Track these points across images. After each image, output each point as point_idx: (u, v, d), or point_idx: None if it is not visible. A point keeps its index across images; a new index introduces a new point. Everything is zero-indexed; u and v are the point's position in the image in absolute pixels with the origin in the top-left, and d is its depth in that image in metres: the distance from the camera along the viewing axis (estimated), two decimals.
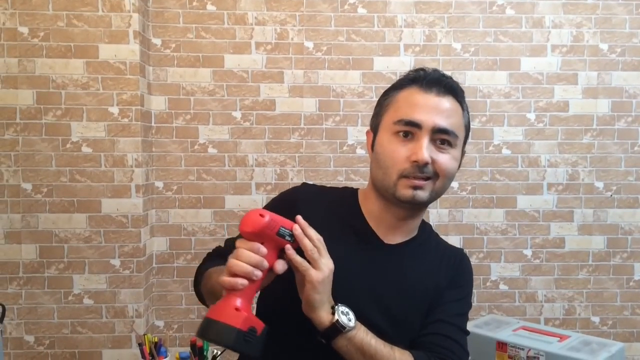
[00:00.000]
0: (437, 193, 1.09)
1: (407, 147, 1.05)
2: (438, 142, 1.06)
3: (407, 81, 1.12)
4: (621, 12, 2.52)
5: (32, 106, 2.24)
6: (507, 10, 2.51)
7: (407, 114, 1.06)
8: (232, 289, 0.88)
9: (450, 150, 1.07)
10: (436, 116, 1.05)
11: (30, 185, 2.25)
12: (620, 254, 2.57)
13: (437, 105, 1.06)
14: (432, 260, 1.16)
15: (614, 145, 2.55)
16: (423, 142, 1.04)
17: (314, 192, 1.20)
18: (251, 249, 0.89)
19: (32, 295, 2.26)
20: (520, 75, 2.52)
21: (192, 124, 2.46)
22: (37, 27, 2.22)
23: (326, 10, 2.47)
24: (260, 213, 0.90)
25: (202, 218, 2.47)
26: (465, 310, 1.18)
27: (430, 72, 1.11)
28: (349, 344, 0.97)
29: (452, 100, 1.09)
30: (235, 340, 0.86)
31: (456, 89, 1.11)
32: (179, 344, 2.45)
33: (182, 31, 2.44)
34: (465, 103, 1.14)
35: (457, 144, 1.09)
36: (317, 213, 1.04)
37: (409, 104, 1.07)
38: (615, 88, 2.54)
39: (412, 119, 1.05)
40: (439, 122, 1.05)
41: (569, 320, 2.57)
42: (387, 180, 1.07)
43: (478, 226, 2.54)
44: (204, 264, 1.24)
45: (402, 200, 1.07)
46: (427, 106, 1.06)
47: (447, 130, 1.05)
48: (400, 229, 1.15)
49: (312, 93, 2.48)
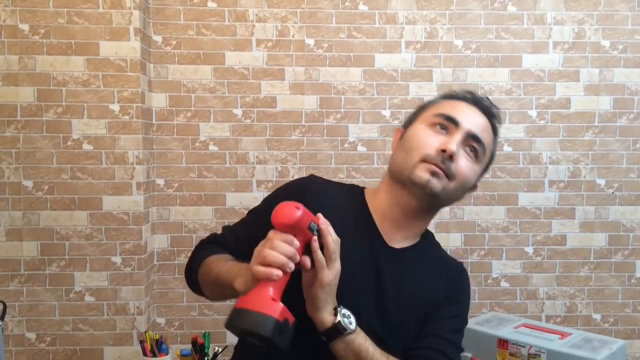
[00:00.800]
0: (448, 194, 1.10)
1: (439, 138, 1.08)
2: (468, 148, 1.09)
3: (455, 96, 1.17)
4: (623, 9, 2.51)
5: (32, 103, 2.24)
6: (508, 7, 2.50)
7: (450, 111, 1.10)
8: (267, 279, 0.87)
9: (474, 161, 1.10)
10: (474, 124, 1.10)
11: (31, 182, 2.25)
12: (622, 251, 2.56)
13: (477, 117, 1.12)
14: (431, 269, 1.16)
15: (616, 142, 2.54)
16: (456, 136, 1.07)
17: (321, 185, 1.20)
18: (286, 241, 0.89)
19: (33, 293, 2.26)
20: (521, 72, 2.52)
21: (193, 121, 2.46)
22: (38, 24, 2.22)
23: (327, 7, 2.46)
24: (295, 206, 0.90)
25: (203, 215, 2.47)
26: (461, 326, 1.18)
27: (477, 96, 1.17)
28: (347, 348, 0.98)
29: (489, 123, 1.14)
30: (274, 330, 0.83)
31: (496, 117, 1.16)
32: (180, 341, 2.45)
33: (183, 28, 2.44)
34: (498, 134, 1.17)
35: (482, 159, 1.12)
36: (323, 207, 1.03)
37: (452, 106, 1.13)
38: (617, 85, 2.53)
39: (452, 115, 1.09)
40: (475, 129, 1.09)
41: (570, 317, 2.57)
42: (407, 161, 1.08)
43: (479, 223, 2.54)
44: (199, 251, 1.22)
45: (415, 183, 1.06)
46: (469, 113, 1.11)
47: (480, 139, 1.09)
48: (405, 229, 1.14)
49: (313, 90, 2.48)
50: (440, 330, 1.11)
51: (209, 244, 1.23)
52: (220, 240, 1.23)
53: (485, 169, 1.17)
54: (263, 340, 0.84)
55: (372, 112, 2.49)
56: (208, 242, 1.25)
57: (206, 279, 1.13)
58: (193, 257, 1.23)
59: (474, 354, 1.87)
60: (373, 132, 2.50)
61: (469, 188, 1.14)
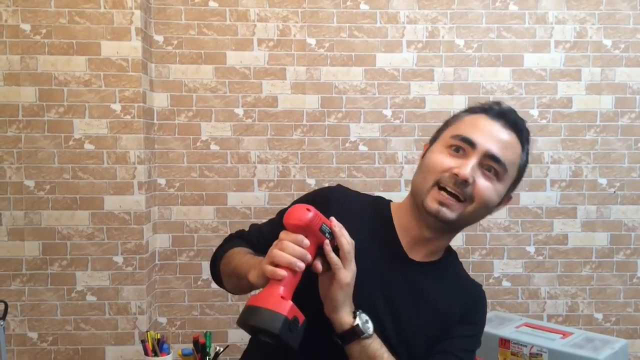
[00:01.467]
0: (466, 218, 1.09)
1: (454, 160, 1.06)
2: (486, 168, 1.07)
3: (479, 109, 1.15)
4: (625, 8, 2.51)
5: (34, 103, 2.24)
6: (510, 6, 2.50)
7: (466, 132, 1.08)
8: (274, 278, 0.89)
9: (495, 181, 1.08)
10: (493, 144, 1.07)
11: (32, 182, 2.25)
12: (624, 251, 2.56)
13: (498, 134, 1.08)
14: (450, 288, 1.16)
15: (618, 141, 2.54)
16: (471, 160, 1.05)
17: (347, 195, 1.20)
18: (295, 241, 0.90)
19: (35, 292, 2.27)
20: (523, 72, 2.52)
21: (194, 120, 2.46)
22: (39, 24, 2.22)
23: (328, 7, 2.46)
24: (307, 207, 0.92)
25: (204, 215, 2.48)
26: (474, 347, 1.18)
27: (503, 107, 1.14)
28: (362, 351, 0.98)
29: (514, 136, 1.11)
30: (282, 327, 0.85)
31: (522, 128, 1.13)
32: (181, 341, 2.45)
33: (184, 28, 2.44)
34: (527, 146, 1.15)
35: (504, 178, 1.09)
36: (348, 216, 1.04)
37: (472, 125, 1.10)
38: (619, 84, 2.53)
39: (469, 137, 1.07)
40: (494, 149, 1.06)
41: (572, 317, 2.56)
42: (423, 184, 1.08)
43: (481, 223, 2.54)
44: (224, 244, 1.25)
45: (427, 211, 1.06)
46: (488, 131, 1.08)
47: (499, 159, 1.06)
48: (426, 245, 1.15)
49: (314, 90, 2.48)
50: (452, 348, 1.12)
51: (235, 238, 1.26)
52: (245, 235, 1.26)
53: (515, 184, 1.15)
54: (272, 337, 0.86)
55: (374, 112, 2.49)
56: (235, 236, 1.29)
57: (226, 270, 1.15)
58: (218, 250, 1.26)
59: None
60: (374, 131, 2.49)
61: (495, 206, 1.13)
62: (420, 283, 1.12)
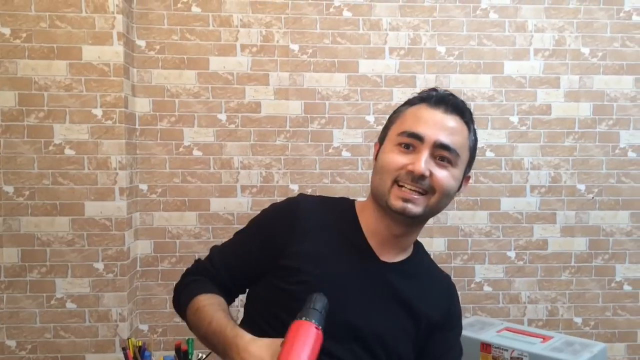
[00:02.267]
0: (431, 209, 1.10)
1: (406, 157, 1.07)
2: (438, 158, 1.07)
3: (418, 99, 1.14)
4: (602, 17, 2.56)
5: (14, 108, 2.21)
6: (490, 14, 2.53)
7: (411, 127, 1.08)
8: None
9: (450, 168, 1.08)
10: (440, 132, 1.07)
11: (12, 187, 2.22)
12: (602, 256, 2.60)
13: (442, 121, 1.08)
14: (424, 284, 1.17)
15: (596, 148, 2.58)
16: (423, 154, 1.05)
17: (312, 204, 1.19)
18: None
19: (13, 300, 2.23)
20: (503, 79, 2.55)
21: (176, 126, 2.45)
22: (19, 28, 2.20)
23: (311, 13, 2.47)
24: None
25: (187, 221, 2.46)
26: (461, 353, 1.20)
27: (440, 92, 1.14)
28: None
29: (459, 120, 1.10)
30: None
31: (464, 110, 1.12)
32: (163, 348, 2.43)
33: (167, 33, 2.43)
34: (473, 126, 1.14)
35: (457, 163, 1.09)
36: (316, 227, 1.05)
37: (415, 118, 1.09)
38: (597, 92, 2.57)
39: (415, 131, 1.07)
40: (442, 138, 1.06)
41: (552, 321, 2.59)
42: (382, 186, 1.08)
43: (462, 228, 2.56)
44: (189, 285, 1.19)
45: (393, 210, 1.07)
46: (432, 121, 1.08)
47: (449, 147, 1.07)
48: (396, 244, 1.15)
49: (297, 95, 2.48)
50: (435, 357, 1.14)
51: (199, 278, 1.20)
52: (211, 272, 1.19)
53: (469, 165, 1.16)
54: None
55: (357, 118, 2.50)
56: (197, 272, 1.22)
57: (196, 325, 1.11)
58: (182, 290, 1.20)
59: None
60: (357, 137, 2.51)
61: (455, 191, 1.14)
62: (394, 285, 1.12)
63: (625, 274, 2.60)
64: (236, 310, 2.51)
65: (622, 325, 2.61)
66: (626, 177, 2.59)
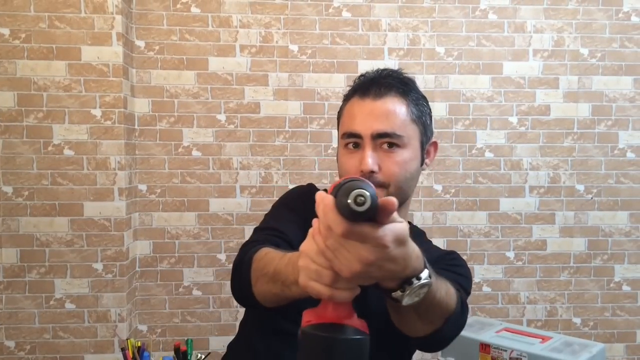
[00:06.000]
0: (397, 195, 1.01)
1: (356, 157, 1.06)
2: (385, 146, 1.05)
3: (351, 91, 1.12)
4: (601, 18, 2.56)
5: (13, 108, 2.21)
6: (489, 15, 2.53)
7: (348, 127, 1.07)
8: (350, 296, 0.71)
9: (400, 152, 1.05)
10: (374, 122, 1.04)
11: (10, 188, 2.22)
12: (601, 256, 2.60)
13: (373, 110, 1.05)
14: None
15: (595, 148, 2.59)
16: (366, 151, 1.04)
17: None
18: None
19: (12, 300, 2.23)
20: (502, 79, 2.55)
21: (176, 126, 2.45)
22: (19, 29, 2.20)
23: (311, 14, 2.47)
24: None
25: (186, 221, 2.46)
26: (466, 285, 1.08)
27: (367, 76, 1.11)
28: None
29: (392, 99, 1.07)
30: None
31: (395, 85, 1.08)
32: (162, 348, 2.43)
33: (166, 33, 2.43)
34: (412, 94, 1.10)
35: (406, 143, 1.06)
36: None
37: (349, 115, 1.08)
38: (596, 92, 2.58)
39: (351, 131, 1.06)
40: (377, 127, 1.04)
41: (551, 321, 2.60)
42: None
43: (461, 228, 2.56)
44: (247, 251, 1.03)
45: None
46: (364, 113, 1.05)
47: (388, 133, 1.04)
48: None
49: (296, 96, 2.48)
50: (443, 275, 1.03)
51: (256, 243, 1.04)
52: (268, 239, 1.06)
53: (424, 135, 1.10)
54: None
55: None
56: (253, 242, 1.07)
57: (261, 276, 0.93)
58: (241, 258, 1.04)
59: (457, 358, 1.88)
60: None
61: (418, 167, 1.10)
62: None
63: (624, 274, 2.60)
64: (235, 310, 2.51)
65: (621, 326, 2.61)
66: (625, 177, 2.59)
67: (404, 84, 1.10)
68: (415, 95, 1.10)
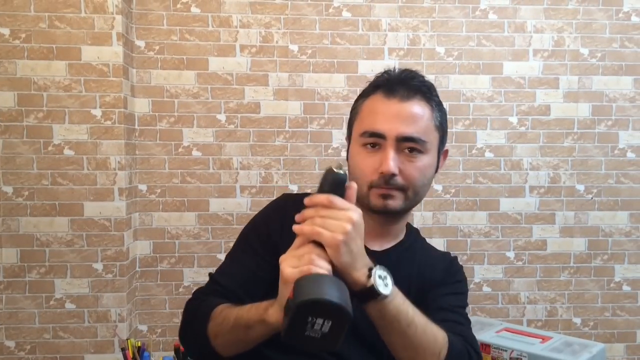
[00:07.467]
0: (412, 201, 1.07)
1: (374, 158, 1.03)
2: (407, 150, 1.03)
3: (372, 88, 1.09)
4: (601, 18, 2.56)
5: (13, 108, 2.21)
6: (489, 15, 2.53)
7: (370, 125, 1.04)
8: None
9: (421, 157, 1.04)
10: (400, 124, 1.02)
11: (11, 188, 2.22)
12: (601, 256, 2.60)
13: (400, 112, 1.03)
14: (418, 263, 1.14)
15: (595, 148, 2.59)
16: (389, 153, 1.01)
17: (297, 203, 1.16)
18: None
19: (12, 300, 2.23)
20: (502, 79, 2.55)
21: (176, 126, 2.45)
22: (19, 29, 2.20)
23: (311, 14, 2.47)
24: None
25: (186, 221, 2.46)
26: (464, 303, 1.14)
27: (393, 75, 1.09)
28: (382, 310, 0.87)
29: (419, 102, 1.05)
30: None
31: (422, 88, 1.07)
32: (162, 349, 2.42)
33: (166, 33, 2.43)
34: (435, 100, 1.09)
35: (428, 148, 1.05)
36: None
37: (372, 114, 1.05)
38: (596, 92, 2.58)
39: (375, 130, 1.03)
40: (403, 130, 1.02)
41: (551, 321, 2.60)
42: (359, 191, 1.03)
43: (461, 229, 2.56)
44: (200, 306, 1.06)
45: (375, 210, 1.05)
46: (390, 114, 1.03)
47: (413, 137, 1.02)
48: (383, 236, 1.13)
49: (296, 96, 2.48)
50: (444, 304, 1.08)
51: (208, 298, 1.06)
52: (219, 291, 1.07)
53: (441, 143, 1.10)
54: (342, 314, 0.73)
55: None
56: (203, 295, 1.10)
57: (222, 328, 0.97)
58: (195, 313, 1.08)
59: None
60: None
61: (431, 176, 1.10)
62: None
63: (624, 274, 2.60)
64: None
65: (621, 326, 2.61)
66: (625, 177, 2.59)
67: (429, 88, 1.09)
68: (437, 100, 1.10)
